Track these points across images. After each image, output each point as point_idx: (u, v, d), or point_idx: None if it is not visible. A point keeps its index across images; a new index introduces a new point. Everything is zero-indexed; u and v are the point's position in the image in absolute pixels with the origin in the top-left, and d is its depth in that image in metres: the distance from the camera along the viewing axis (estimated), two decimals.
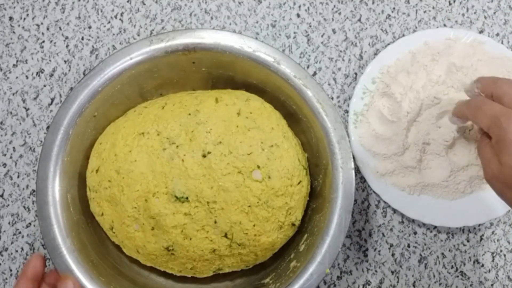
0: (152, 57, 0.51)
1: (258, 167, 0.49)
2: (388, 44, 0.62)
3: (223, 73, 0.54)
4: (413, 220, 0.59)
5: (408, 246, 0.59)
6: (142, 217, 0.49)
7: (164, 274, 0.52)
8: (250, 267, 0.52)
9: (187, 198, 0.48)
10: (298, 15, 0.64)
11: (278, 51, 0.51)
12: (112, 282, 0.47)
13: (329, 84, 0.62)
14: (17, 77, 0.61)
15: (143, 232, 0.49)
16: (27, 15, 0.63)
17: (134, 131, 0.51)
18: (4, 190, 0.58)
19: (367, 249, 0.58)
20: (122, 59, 0.51)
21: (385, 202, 0.58)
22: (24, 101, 0.60)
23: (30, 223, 0.58)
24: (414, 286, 0.58)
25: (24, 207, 0.58)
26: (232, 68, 0.53)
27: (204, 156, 0.49)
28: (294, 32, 0.63)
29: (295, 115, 0.54)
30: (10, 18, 0.63)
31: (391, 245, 0.59)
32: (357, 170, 0.58)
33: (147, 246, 0.49)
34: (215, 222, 0.48)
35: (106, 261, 0.50)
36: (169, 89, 0.55)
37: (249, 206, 0.49)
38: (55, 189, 0.48)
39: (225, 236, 0.48)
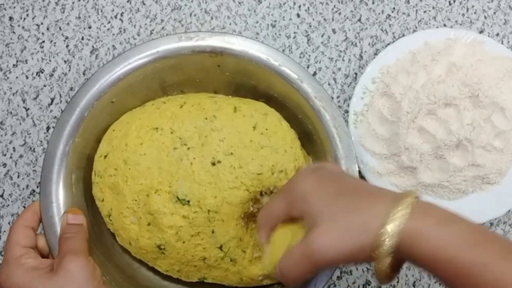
0: (178, 54, 0.51)
1: (266, 193, 0.49)
2: (388, 44, 0.62)
3: (246, 81, 0.54)
4: None
5: None
6: (140, 211, 0.49)
7: (153, 270, 0.52)
8: (232, 285, 0.51)
9: (188, 201, 0.48)
10: (298, 15, 0.64)
11: (304, 69, 0.51)
12: (100, 268, 0.47)
13: (329, 84, 0.62)
14: (17, 77, 0.61)
15: (138, 225, 0.49)
16: (27, 15, 0.63)
17: (149, 125, 0.51)
18: (4, 190, 0.58)
19: None
20: (149, 51, 0.51)
21: None
22: (24, 101, 0.60)
23: None
24: (414, 286, 0.58)
25: (24, 207, 0.58)
26: (256, 77, 0.53)
27: (213, 164, 0.49)
28: (294, 32, 0.63)
29: (310, 136, 0.53)
30: (10, 18, 0.63)
31: None
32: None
33: (140, 240, 0.49)
34: (213, 231, 0.48)
35: (98, 246, 0.50)
36: (190, 88, 0.55)
37: (253, 228, 0.49)
38: (61, 167, 0.48)
39: (220, 248, 0.48)
